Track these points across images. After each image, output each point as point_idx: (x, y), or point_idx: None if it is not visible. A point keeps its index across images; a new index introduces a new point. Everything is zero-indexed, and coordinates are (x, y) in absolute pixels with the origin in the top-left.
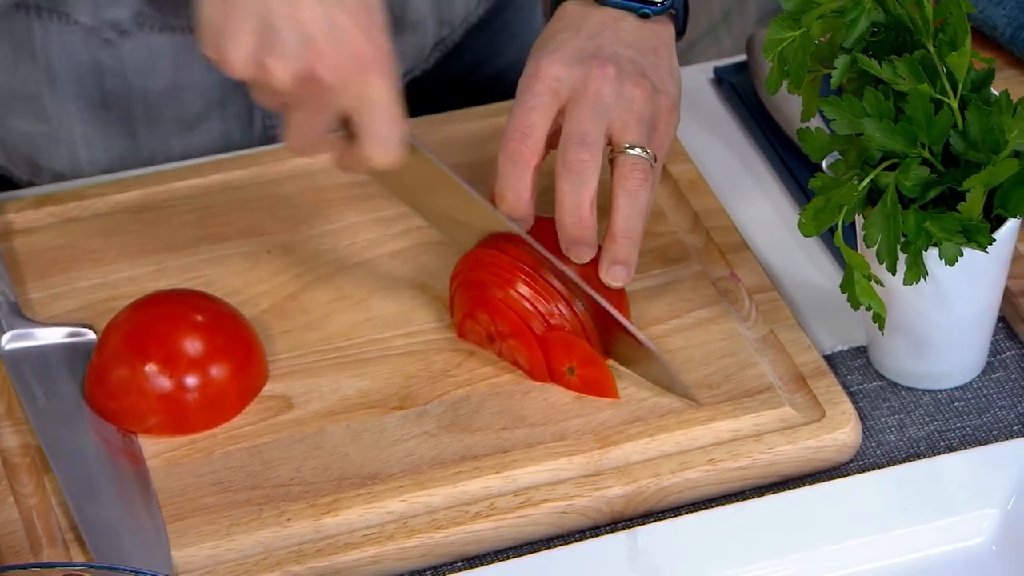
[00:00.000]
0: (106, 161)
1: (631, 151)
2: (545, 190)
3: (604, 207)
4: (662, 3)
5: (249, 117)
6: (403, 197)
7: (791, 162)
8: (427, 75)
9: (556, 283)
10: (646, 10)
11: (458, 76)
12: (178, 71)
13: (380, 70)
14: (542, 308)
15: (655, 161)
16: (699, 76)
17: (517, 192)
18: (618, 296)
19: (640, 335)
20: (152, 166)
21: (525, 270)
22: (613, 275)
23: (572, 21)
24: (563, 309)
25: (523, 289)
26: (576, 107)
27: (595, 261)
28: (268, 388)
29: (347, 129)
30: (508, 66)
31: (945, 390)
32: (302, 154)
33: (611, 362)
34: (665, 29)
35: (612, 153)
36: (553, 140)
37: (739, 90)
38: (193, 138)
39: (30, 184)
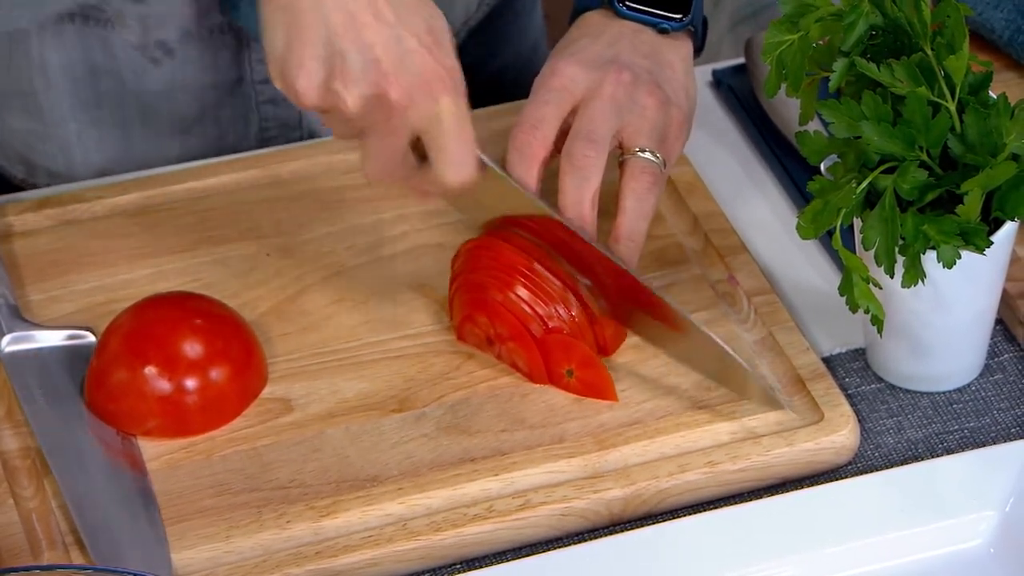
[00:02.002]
0: (100, 161)
1: (642, 154)
2: (552, 192)
3: (605, 209)
4: (681, 19)
5: (245, 120)
6: (477, 217)
7: (789, 165)
8: None
9: (555, 284)
10: (665, 26)
11: None
12: (173, 73)
13: (449, 89)
14: (541, 310)
15: (664, 167)
16: (697, 79)
17: (522, 183)
18: None
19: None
20: (146, 168)
21: (524, 272)
22: None
23: (592, 30)
24: (562, 311)
25: (522, 292)
26: (588, 107)
27: None
28: (267, 390)
29: (418, 153)
30: (505, 68)
31: (943, 392)
32: (380, 181)
33: (616, 361)
34: (683, 45)
35: (623, 156)
36: (561, 144)
37: (738, 93)
38: (188, 141)
39: (24, 182)
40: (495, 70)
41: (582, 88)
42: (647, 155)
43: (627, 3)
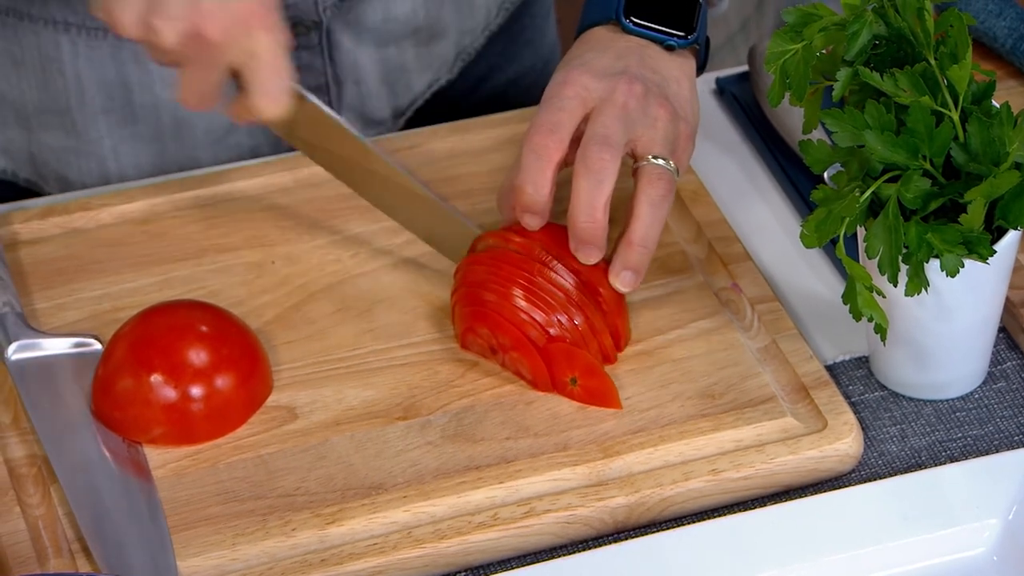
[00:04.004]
0: (135, 175)
1: (656, 161)
2: (563, 199)
3: (613, 217)
4: (687, 37)
5: None
6: (306, 151)
7: (793, 173)
8: (451, 84)
9: (557, 294)
10: (671, 42)
11: (474, 83)
12: None
13: (265, 26)
14: (541, 320)
15: (676, 176)
16: (701, 87)
17: (537, 185)
18: (618, 302)
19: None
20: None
21: (523, 282)
22: (623, 280)
23: (599, 44)
24: (563, 320)
25: (520, 302)
26: (601, 113)
27: (598, 264)
28: (272, 398)
29: (238, 81)
30: (522, 72)
31: (946, 400)
32: (194, 108)
33: (620, 369)
34: (687, 62)
35: (636, 163)
36: (570, 157)
37: (741, 101)
38: (221, 151)
39: None
40: (513, 74)
41: (595, 96)
42: (661, 162)
43: (634, 19)
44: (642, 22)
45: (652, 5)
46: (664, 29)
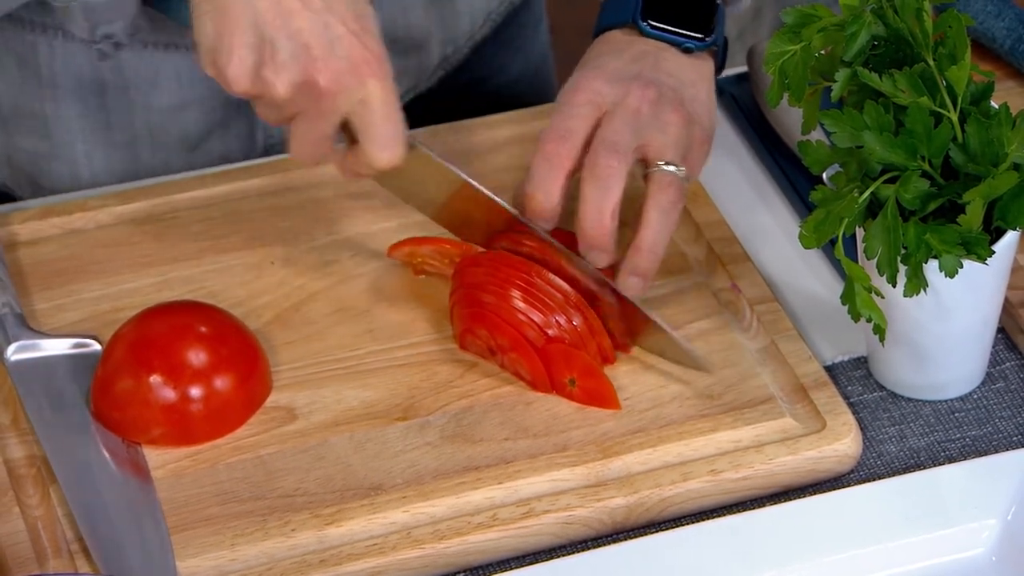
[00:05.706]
0: (108, 181)
1: (667, 167)
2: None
3: (622, 219)
4: (704, 39)
5: (251, 137)
6: (409, 200)
7: (792, 174)
8: (430, 91)
9: (555, 295)
10: (689, 45)
11: (461, 91)
12: (181, 88)
13: (376, 73)
14: (540, 321)
15: (687, 182)
16: None
17: (548, 192)
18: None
19: (651, 315)
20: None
21: (521, 283)
22: (630, 285)
23: (615, 47)
24: (561, 321)
25: (519, 303)
26: (612, 118)
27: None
28: (272, 399)
29: (348, 135)
30: (512, 81)
31: (945, 401)
32: (307, 164)
33: (619, 370)
34: (705, 64)
35: (647, 169)
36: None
37: (740, 102)
38: (195, 158)
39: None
40: (501, 84)
41: (608, 102)
42: (672, 168)
43: (651, 21)
44: (660, 25)
45: (669, 7)
46: (682, 31)
